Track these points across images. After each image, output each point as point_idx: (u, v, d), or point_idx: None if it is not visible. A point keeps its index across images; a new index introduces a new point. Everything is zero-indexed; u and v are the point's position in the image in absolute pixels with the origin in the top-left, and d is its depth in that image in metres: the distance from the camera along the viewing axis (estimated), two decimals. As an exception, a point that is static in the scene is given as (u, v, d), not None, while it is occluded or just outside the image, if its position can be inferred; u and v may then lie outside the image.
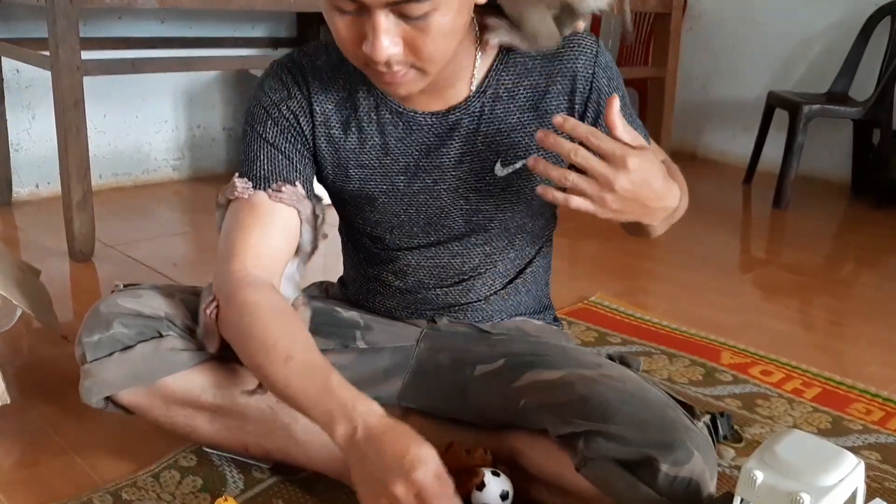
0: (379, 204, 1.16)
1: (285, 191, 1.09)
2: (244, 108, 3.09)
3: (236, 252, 1.07)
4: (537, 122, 1.11)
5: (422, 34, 0.93)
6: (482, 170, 1.13)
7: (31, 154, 2.82)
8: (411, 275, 1.22)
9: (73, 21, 2.05)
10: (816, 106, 3.17)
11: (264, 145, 1.11)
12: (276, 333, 0.99)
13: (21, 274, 1.59)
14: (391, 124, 1.11)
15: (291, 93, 1.11)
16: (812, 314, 2.19)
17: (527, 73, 1.10)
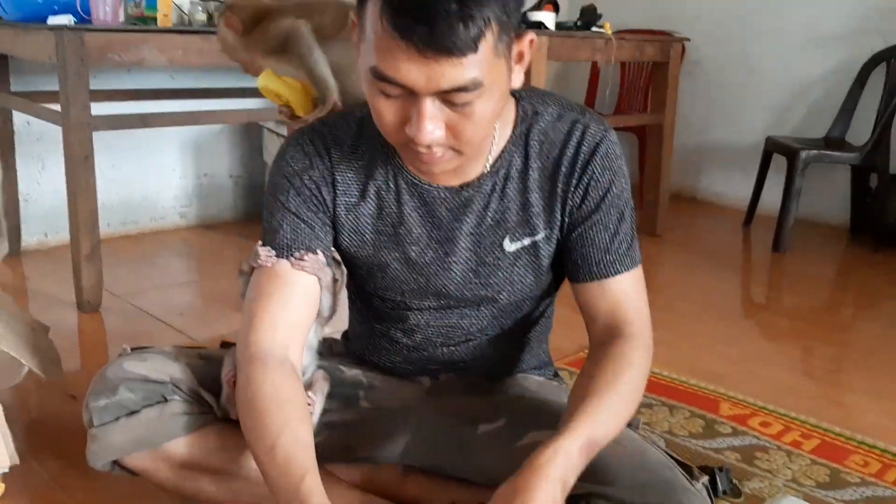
0: (391, 270, 1.18)
1: (307, 259, 1.12)
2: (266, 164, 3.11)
3: (255, 322, 1.09)
4: (545, 202, 1.14)
5: (465, 119, 0.96)
6: (492, 244, 1.15)
7: (39, 204, 2.87)
8: (420, 333, 1.25)
9: (84, 79, 2.11)
10: (814, 151, 3.22)
11: (287, 214, 1.13)
12: (268, 418, 1.02)
13: (30, 332, 1.62)
14: (407, 194, 1.14)
15: (313, 163, 1.14)
16: (811, 362, 2.21)
17: (537, 155, 1.13)
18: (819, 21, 3.65)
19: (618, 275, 1.13)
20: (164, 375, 1.16)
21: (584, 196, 1.13)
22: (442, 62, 0.89)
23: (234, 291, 2.48)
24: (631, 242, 1.16)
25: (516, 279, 1.18)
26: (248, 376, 1.06)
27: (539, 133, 1.13)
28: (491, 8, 0.89)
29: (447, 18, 0.86)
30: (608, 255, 1.13)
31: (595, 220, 1.13)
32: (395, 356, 1.29)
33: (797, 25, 3.72)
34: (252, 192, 3.42)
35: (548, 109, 1.14)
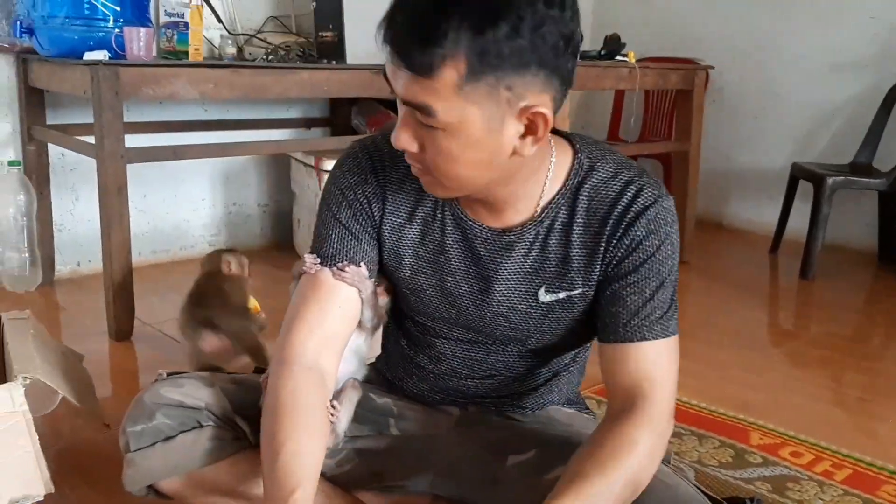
0: (425, 296, 1.19)
1: (349, 271, 1.14)
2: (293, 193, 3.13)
3: (291, 326, 1.12)
4: (586, 259, 1.11)
5: (431, 144, 0.99)
6: (526, 292, 1.14)
7: (73, 234, 2.93)
8: (445, 363, 1.25)
9: (118, 113, 2.16)
10: (840, 178, 3.20)
11: (336, 225, 1.16)
12: (279, 424, 1.03)
13: (65, 360, 1.65)
14: (451, 226, 1.15)
15: (367, 178, 1.16)
16: (841, 391, 2.18)
17: (585, 210, 1.10)
18: (843, 46, 3.65)
19: (644, 342, 1.08)
20: (199, 401, 1.18)
21: (626, 256, 1.08)
22: (403, 72, 0.93)
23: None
24: (666, 311, 1.10)
25: (546, 329, 1.17)
26: (273, 380, 1.08)
27: (590, 188, 1.10)
28: (457, 44, 0.90)
29: (408, 35, 0.92)
30: (637, 318, 1.08)
31: (631, 281, 1.09)
32: (422, 383, 1.30)
33: (821, 51, 3.72)
34: (280, 220, 3.46)
35: (605, 166, 1.10)
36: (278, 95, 2.48)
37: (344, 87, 2.57)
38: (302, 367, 1.08)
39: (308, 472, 1.00)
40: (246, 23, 3.10)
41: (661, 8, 4.25)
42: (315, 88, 2.54)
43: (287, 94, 2.49)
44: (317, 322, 1.12)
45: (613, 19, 4.33)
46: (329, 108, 3.47)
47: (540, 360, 1.25)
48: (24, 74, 2.68)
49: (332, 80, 2.53)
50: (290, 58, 2.74)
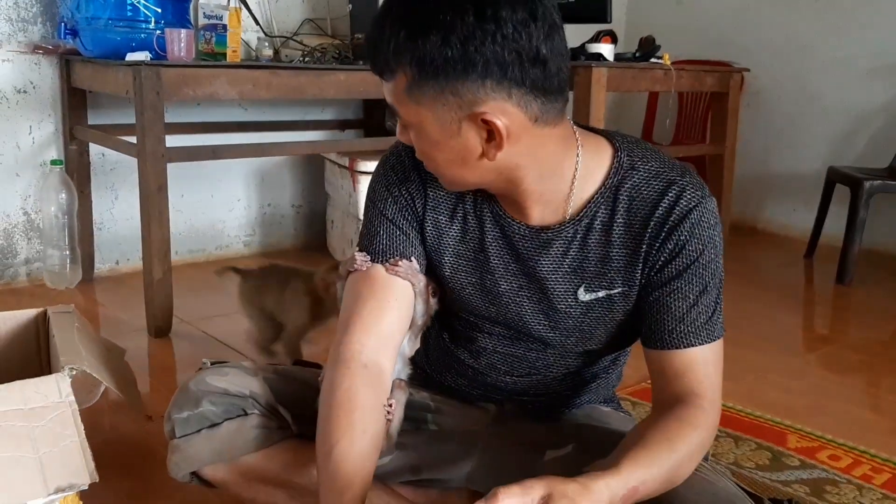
0: (465, 294, 1.20)
1: (402, 265, 1.14)
2: (326, 194, 3.16)
3: (347, 325, 1.12)
4: (627, 259, 1.11)
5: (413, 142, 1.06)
6: (566, 291, 1.14)
7: (112, 232, 2.97)
8: (486, 357, 1.26)
9: (160, 113, 2.20)
10: (878, 181, 3.16)
11: (384, 221, 1.17)
12: (333, 423, 1.05)
13: (108, 354, 1.68)
14: (490, 223, 1.16)
15: (410, 176, 1.17)
16: (880, 396, 2.16)
17: (626, 210, 1.09)
18: (881, 49, 3.61)
19: (691, 348, 1.08)
20: (244, 389, 1.20)
21: (669, 261, 1.08)
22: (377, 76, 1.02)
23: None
24: (711, 315, 1.09)
25: (586, 328, 1.17)
26: (328, 379, 1.09)
27: (631, 188, 1.09)
28: (398, 53, 0.96)
29: (368, 42, 1.01)
30: (682, 325, 1.08)
31: (675, 287, 1.08)
32: (461, 378, 1.30)
33: (859, 54, 3.68)
34: (313, 221, 3.49)
35: (646, 165, 1.10)
36: (315, 96, 2.51)
37: (379, 89, 2.56)
38: (359, 366, 1.09)
39: (360, 472, 1.01)
40: (282, 25, 3.14)
41: (696, 11, 4.23)
42: (351, 90, 2.56)
43: (324, 95, 2.51)
44: (374, 319, 1.12)
45: (647, 21, 4.32)
46: (363, 110, 3.49)
47: (580, 361, 1.24)
48: (67, 75, 2.73)
49: (367, 81, 2.55)
50: (326, 59, 2.77)
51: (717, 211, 1.10)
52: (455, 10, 0.93)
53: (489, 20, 0.93)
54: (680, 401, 1.06)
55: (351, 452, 1.02)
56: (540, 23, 0.95)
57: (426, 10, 0.94)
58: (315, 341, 2.02)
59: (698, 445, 1.03)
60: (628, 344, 1.26)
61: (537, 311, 1.17)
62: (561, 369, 1.25)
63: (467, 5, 0.93)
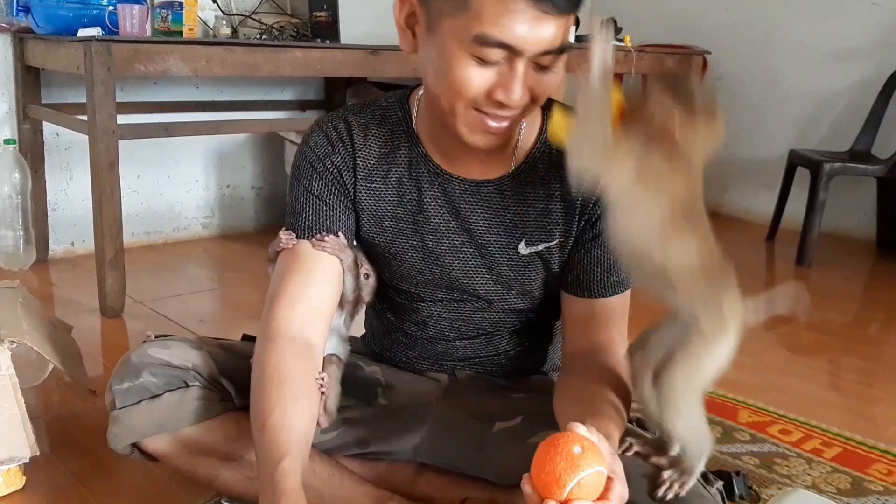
0: (408, 258, 1.20)
1: (328, 240, 1.13)
2: (287, 176, 3.15)
3: (273, 301, 1.11)
4: (564, 210, 1.15)
5: (543, 80, 1.01)
6: (507, 244, 1.17)
7: (67, 213, 2.92)
8: (433, 326, 1.26)
9: (111, 89, 2.15)
10: (838, 164, 3.19)
11: (310, 198, 1.16)
12: (265, 396, 1.04)
13: (53, 329, 1.65)
14: (427, 182, 1.16)
15: (336, 147, 1.16)
16: (834, 374, 2.18)
17: (560, 166, 1.11)
18: (843, 34, 3.64)
19: (614, 295, 1.16)
20: (186, 362, 1.19)
21: (602, 215, 1.12)
22: (551, 20, 0.96)
23: (253, 299, 2.51)
24: None
25: (527, 281, 1.19)
26: (257, 355, 1.08)
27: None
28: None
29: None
30: (610, 275, 1.15)
31: (604, 238, 1.13)
32: (410, 350, 1.30)
33: (821, 39, 3.71)
34: (273, 203, 3.46)
35: None
36: (271, 73, 2.47)
37: (338, 67, 2.56)
38: (286, 339, 1.08)
39: (295, 439, 1.00)
40: (241, 3, 3.10)
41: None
42: (308, 67, 2.53)
43: (280, 73, 2.48)
44: (299, 294, 1.11)
45: (612, 5, 4.32)
46: (324, 91, 3.46)
47: (524, 319, 1.25)
48: (21, 53, 2.68)
49: (325, 59, 2.52)
50: (284, 37, 2.74)
51: None
52: None
53: None
54: (600, 350, 1.13)
55: (284, 422, 1.01)
56: None
57: None
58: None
59: (630, 392, 1.10)
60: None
61: (479, 265, 1.18)
62: (507, 327, 1.26)
63: None
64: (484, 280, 1.19)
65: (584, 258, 1.16)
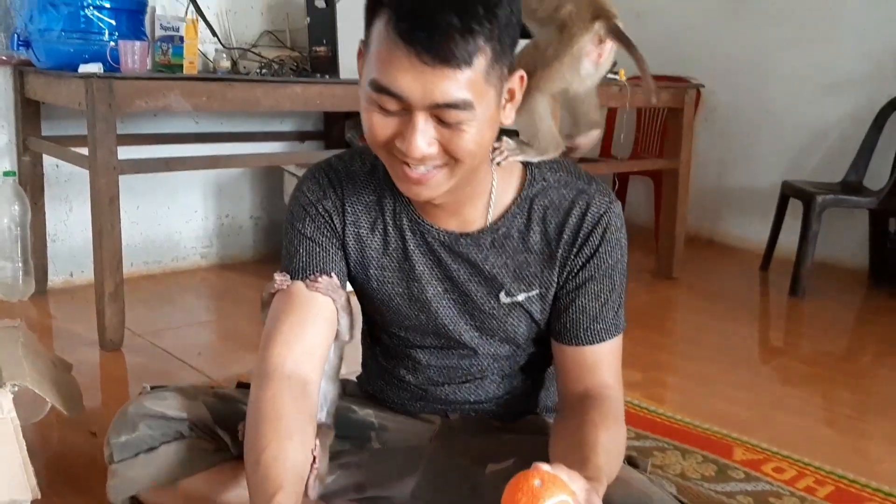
0: (394, 305, 1.22)
1: (321, 281, 1.15)
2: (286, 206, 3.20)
3: (267, 342, 1.13)
4: (543, 263, 1.18)
5: (456, 137, 1.00)
6: (488, 294, 1.19)
7: (66, 244, 2.94)
8: (422, 372, 1.28)
9: (112, 125, 2.18)
10: (830, 196, 3.22)
11: (303, 240, 1.18)
12: (259, 433, 1.05)
13: (54, 369, 1.66)
14: (410, 231, 1.19)
15: (327, 193, 1.19)
16: (828, 408, 2.19)
17: (540, 219, 1.17)
18: (834, 66, 3.69)
19: (603, 342, 1.18)
20: (182, 413, 1.20)
21: (584, 265, 1.17)
22: (437, 72, 0.94)
23: (251, 331, 2.52)
24: (617, 310, 1.20)
25: (510, 328, 1.22)
26: (253, 393, 1.10)
27: (544, 198, 1.17)
28: (488, 30, 0.94)
29: (447, 29, 0.93)
30: (597, 323, 1.18)
31: (588, 288, 1.17)
32: (402, 393, 1.32)
33: (812, 71, 3.76)
34: (272, 233, 3.48)
35: (556, 175, 1.18)
36: (270, 108, 2.51)
37: (337, 102, 2.60)
38: (281, 377, 1.09)
39: (289, 476, 1.01)
40: (241, 37, 3.13)
41: (656, 26, 4.28)
42: (308, 102, 2.56)
43: (279, 108, 2.51)
44: (294, 335, 1.13)
45: (607, 37, 4.36)
46: (323, 122, 3.49)
47: (513, 364, 1.28)
48: (21, 86, 2.70)
49: (324, 94, 2.56)
50: (284, 72, 2.77)
51: (622, 214, 1.20)
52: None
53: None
54: (593, 394, 1.15)
55: (278, 457, 1.02)
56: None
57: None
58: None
59: (624, 435, 1.13)
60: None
61: (463, 312, 1.21)
62: (496, 374, 1.28)
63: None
64: (467, 327, 1.22)
65: (569, 307, 1.18)
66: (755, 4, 3.93)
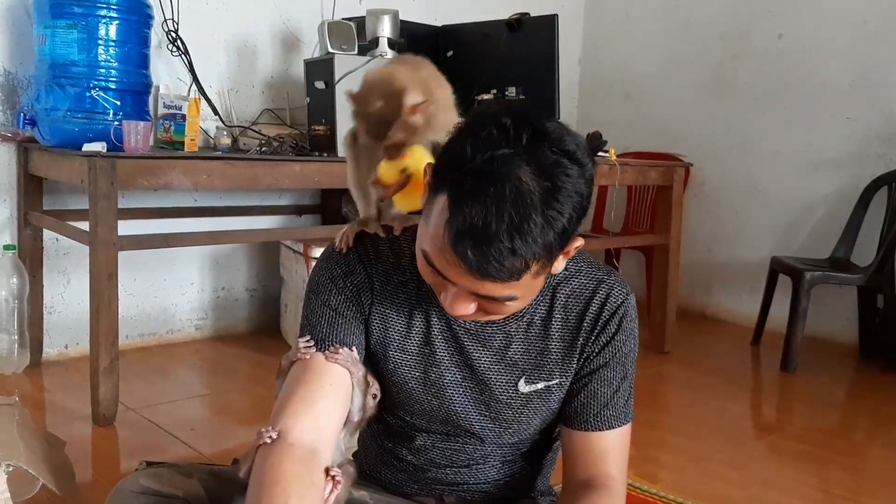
0: (408, 388, 1.23)
1: (342, 352, 1.16)
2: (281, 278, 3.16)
3: (277, 411, 1.13)
4: (564, 351, 1.20)
5: (494, 308, 1.06)
6: (507, 382, 1.21)
7: (62, 316, 2.95)
8: (424, 454, 1.28)
9: (113, 202, 2.22)
10: (818, 273, 3.27)
11: (326, 311, 1.19)
12: (255, 498, 1.04)
13: (48, 447, 1.66)
14: (436, 316, 1.20)
15: (355, 269, 1.21)
16: (822, 489, 2.19)
17: (562, 307, 1.19)
18: (821, 145, 3.78)
19: (612, 430, 1.20)
20: (176, 490, 1.20)
21: (600, 352, 1.19)
22: (486, 281, 0.98)
23: (243, 406, 2.52)
24: (627, 399, 1.22)
25: (524, 420, 1.23)
26: (258, 457, 1.09)
27: (566, 287, 1.20)
28: (539, 252, 0.97)
29: (499, 253, 0.95)
30: (607, 409, 1.20)
31: (602, 374, 1.20)
32: (400, 474, 1.32)
33: (798, 149, 3.85)
34: (267, 305, 3.50)
35: (577, 265, 1.21)
36: (270, 186, 2.56)
37: (334, 179, 2.65)
38: (284, 444, 1.08)
39: None
40: (242, 114, 3.21)
41: (644, 105, 4.41)
42: (306, 179, 2.62)
43: (279, 185, 2.57)
44: (305, 405, 1.12)
45: (597, 114, 4.49)
46: (320, 197, 3.55)
47: (517, 450, 1.28)
48: (25, 162, 2.75)
49: (322, 172, 2.61)
50: (283, 149, 2.83)
51: (636, 306, 1.23)
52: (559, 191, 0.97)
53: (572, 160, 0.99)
54: (595, 484, 1.16)
55: None
56: None
57: (533, 211, 0.95)
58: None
59: None
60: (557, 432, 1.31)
61: (479, 401, 1.21)
62: (498, 458, 1.28)
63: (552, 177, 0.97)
64: (479, 417, 1.22)
65: (581, 392, 1.20)
66: (741, 86, 4.05)
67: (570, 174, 0.97)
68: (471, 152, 0.97)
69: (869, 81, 3.63)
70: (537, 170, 0.96)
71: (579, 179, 0.98)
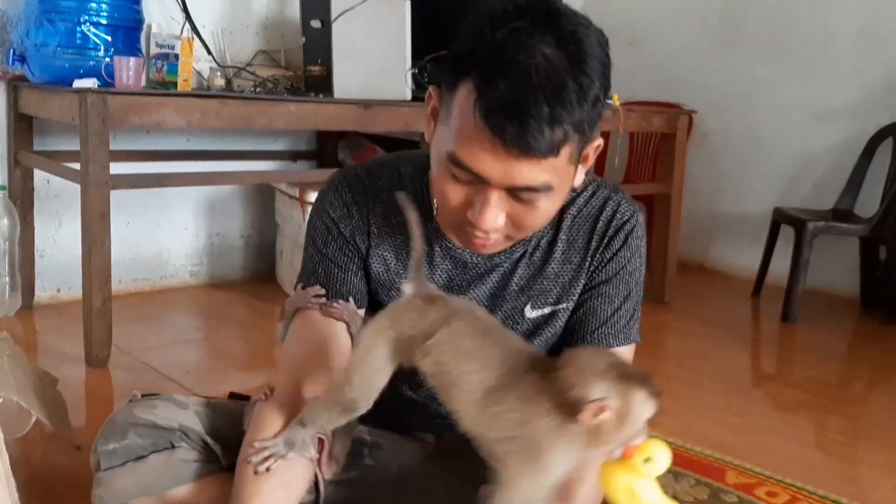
0: None
1: (336, 306, 1.15)
2: (277, 225, 3.13)
3: (283, 367, 1.15)
4: (571, 274, 1.17)
5: (526, 212, 1.01)
6: (512, 309, 1.18)
7: (54, 260, 2.91)
8: (425, 388, 1.25)
9: (105, 140, 2.17)
10: (821, 223, 3.24)
11: (322, 260, 1.18)
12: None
13: (40, 383, 1.63)
14: (440, 257, 1.17)
15: (351, 211, 1.17)
16: (821, 434, 2.19)
17: (568, 228, 1.16)
18: (826, 96, 3.72)
19: (610, 348, 1.15)
20: (172, 422, 1.18)
21: (603, 267, 1.16)
22: (522, 161, 0.93)
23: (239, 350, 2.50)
24: (630, 320, 1.18)
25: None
26: (256, 416, 1.09)
27: (573, 208, 1.16)
28: (578, 119, 0.93)
29: (539, 121, 0.91)
30: (605, 326, 1.16)
31: (602, 290, 1.16)
32: (399, 408, 1.30)
33: (803, 100, 3.79)
34: (262, 252, 3.46)
35: (585, 186, 1.17)
36: (265, 126, 2.50)
37: (331, 121, 2.60)
38: (282, 405, 1.09)
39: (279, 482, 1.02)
40: (235, 56, 3.13)
41: (651, 55, 4.32)
42: (302, 121, 2.56)
43: (273, 126, 2.51)
44: (307, 362, 1.13)
45: (601, 63, 4.39)
46: (316, 142, 3.49)
47: None
48: (14, 101, 2.69)
49: (318, 113, 2.55)
50: (278, 90, 2.77)
51: (645, 225, 1.19)
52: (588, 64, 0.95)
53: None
54: None
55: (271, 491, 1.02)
56: None
57: (567, 76, 0.93)
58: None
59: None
60: None
61: None
62: None
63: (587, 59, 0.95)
64: None
65: (580, 308, 1.17)
66: (747, 35, 3.97)
67: (590, 41, 0.96)
68: (490, 30, 0.94)
69: (876, 31, 3.56)
70: (560, 37, 0.94)
71: (598, 47, 0.97)
